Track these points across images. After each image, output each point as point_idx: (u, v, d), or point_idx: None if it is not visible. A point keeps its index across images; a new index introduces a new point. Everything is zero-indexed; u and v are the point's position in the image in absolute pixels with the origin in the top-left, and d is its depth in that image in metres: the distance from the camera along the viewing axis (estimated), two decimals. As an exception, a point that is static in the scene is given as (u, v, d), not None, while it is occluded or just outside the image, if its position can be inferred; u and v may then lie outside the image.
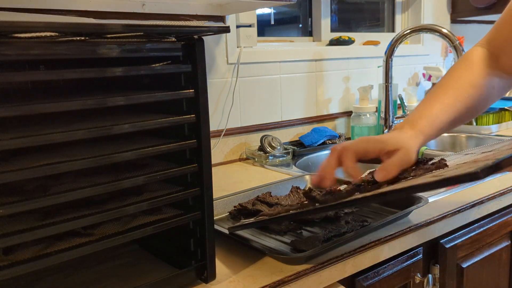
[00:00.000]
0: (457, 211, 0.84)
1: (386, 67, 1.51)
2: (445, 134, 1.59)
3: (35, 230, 0.46)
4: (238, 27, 1.30)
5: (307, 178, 1.02)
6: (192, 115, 0.56)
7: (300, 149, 1.36)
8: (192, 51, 0.54)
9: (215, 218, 0.73)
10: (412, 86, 1.83)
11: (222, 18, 1.26)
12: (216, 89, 1.28)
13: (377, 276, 0.74)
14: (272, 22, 1.55)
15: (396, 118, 1.51)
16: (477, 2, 1.87)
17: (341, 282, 0.68)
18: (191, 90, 0.55)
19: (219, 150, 1.30)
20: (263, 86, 1.39)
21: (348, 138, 1.56)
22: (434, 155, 1.29)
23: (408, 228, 0.76)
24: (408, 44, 1.89)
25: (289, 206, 0.77)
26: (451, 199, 0.88)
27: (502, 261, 1.01)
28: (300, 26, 1.68)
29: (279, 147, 1.31)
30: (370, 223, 0.76)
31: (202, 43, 0.54)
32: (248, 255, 0.68)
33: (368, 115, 1.52)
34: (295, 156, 1.33)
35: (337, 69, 1.59)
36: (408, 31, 1.46)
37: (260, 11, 1.49)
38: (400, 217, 0.78)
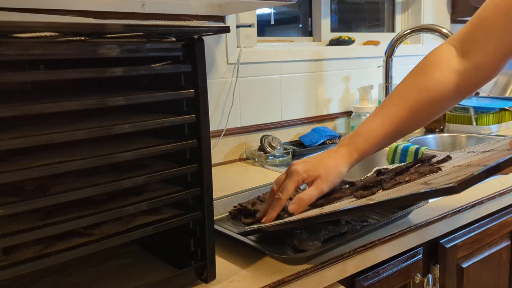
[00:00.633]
0: (457, 211, 0.84)
1: (386, 67, 1.52)
2: (445, 134, 1.59)
3: (35, 230, 0.46)
4: (238, 27, 1.30)
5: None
6: (192, 115, 0.56)
7: (300, 149, 1.36)
8: (192, 51, 0.54)
9: (215, 218, 0.73)
10: (412, 86, 1.83)
11: (222, 18, 1.26)
12: (216, 89, 1.28)
13: (377, 276, 0.74)
14: (272, 22, 1.55)
15: (396, 118, 1.50)
16: (477, 2, 1.87)
17: (341, 282, 0.68)
18: (191, 90, 0.55)
19: (219, 150, 1.30)
20: (263, 86, 1.39)
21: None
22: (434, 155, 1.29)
23: (408, 228, 0.76)
24: (408, 44, 1.89)
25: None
26: (451, 199, 0.88)
27: (502, 261, 1.01)
28: (300, 26, 1.68)
29: (279, 147, 1.31)
30: (370, 223, 0.76)
31: (202, 43, 0.54)
32: (248, 255, 0.68)
33: (368, 115, 1.52)
34: (295, 156, 1.32)
35: (337, 69, 1.59)
36: (408, 31, 1.46)
37: (260, 11, 1.49)
38: (400, 217, 0.78)
